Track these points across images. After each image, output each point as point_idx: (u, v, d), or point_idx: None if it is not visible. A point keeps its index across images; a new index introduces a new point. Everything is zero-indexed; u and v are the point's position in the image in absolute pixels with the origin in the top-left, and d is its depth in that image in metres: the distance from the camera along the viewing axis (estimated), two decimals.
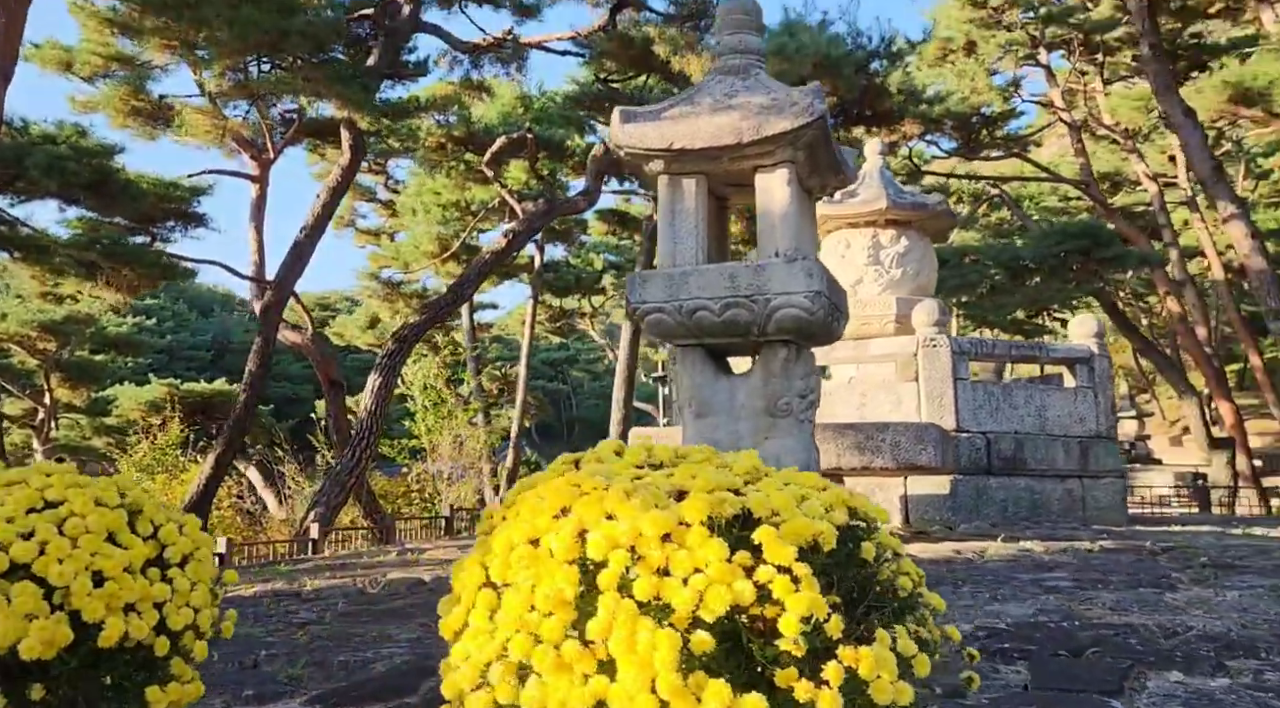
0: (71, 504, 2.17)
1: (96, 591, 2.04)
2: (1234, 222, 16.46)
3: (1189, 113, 16.82)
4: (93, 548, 2.10)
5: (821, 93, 5.03)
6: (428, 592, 5.46)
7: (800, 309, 4.93)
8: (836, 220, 10.52)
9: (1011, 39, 23.80)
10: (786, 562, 1.47)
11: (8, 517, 2.08)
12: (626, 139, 5.27)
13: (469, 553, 1.79)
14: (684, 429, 5.41)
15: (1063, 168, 30.46)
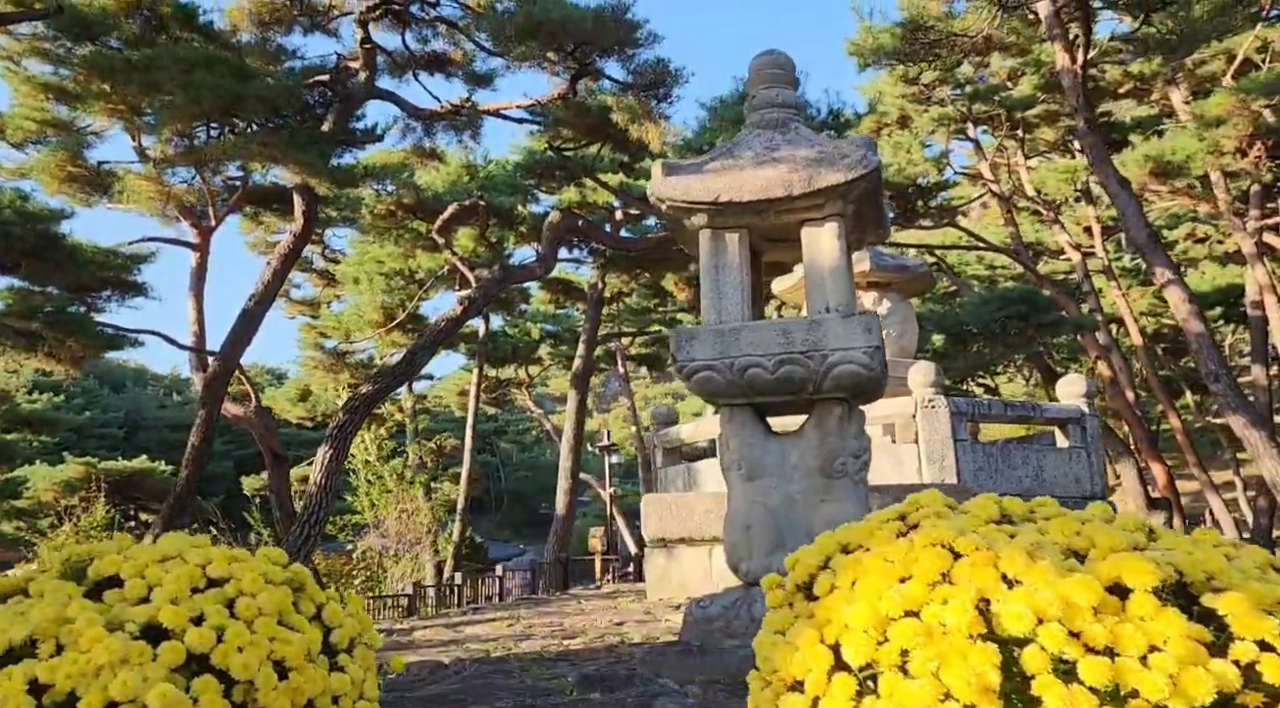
0: (239, 581, 1.85)
1: (281, 684, 1.72)
2: (1172, 287, 17.02)
3: (1124, 182, 17.47)
4: (269, 633, 1.78)
5: (873, 144, 4.97)
6: (457, 677, 5.06)
7: (859, 365, 4.79)
8: None
9: (943, 114, 24.65)
10: (1267, 636, 1.25)
11: (171, 597, 1.75)
12: (669, 192, 5.12)
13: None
14: (731, 493, 5.17)
15: (987, 236, 31.49)
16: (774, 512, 4.96)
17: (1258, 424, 17.42)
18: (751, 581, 4.93)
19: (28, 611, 1.75)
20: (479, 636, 6.94)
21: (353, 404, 15.84)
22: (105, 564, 1.89)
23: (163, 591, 1.78)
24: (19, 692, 1.60)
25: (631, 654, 5.38)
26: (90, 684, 1.57)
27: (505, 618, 8.31)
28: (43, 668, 1.63)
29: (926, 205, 24.77)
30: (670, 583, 10.34)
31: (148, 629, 1.70)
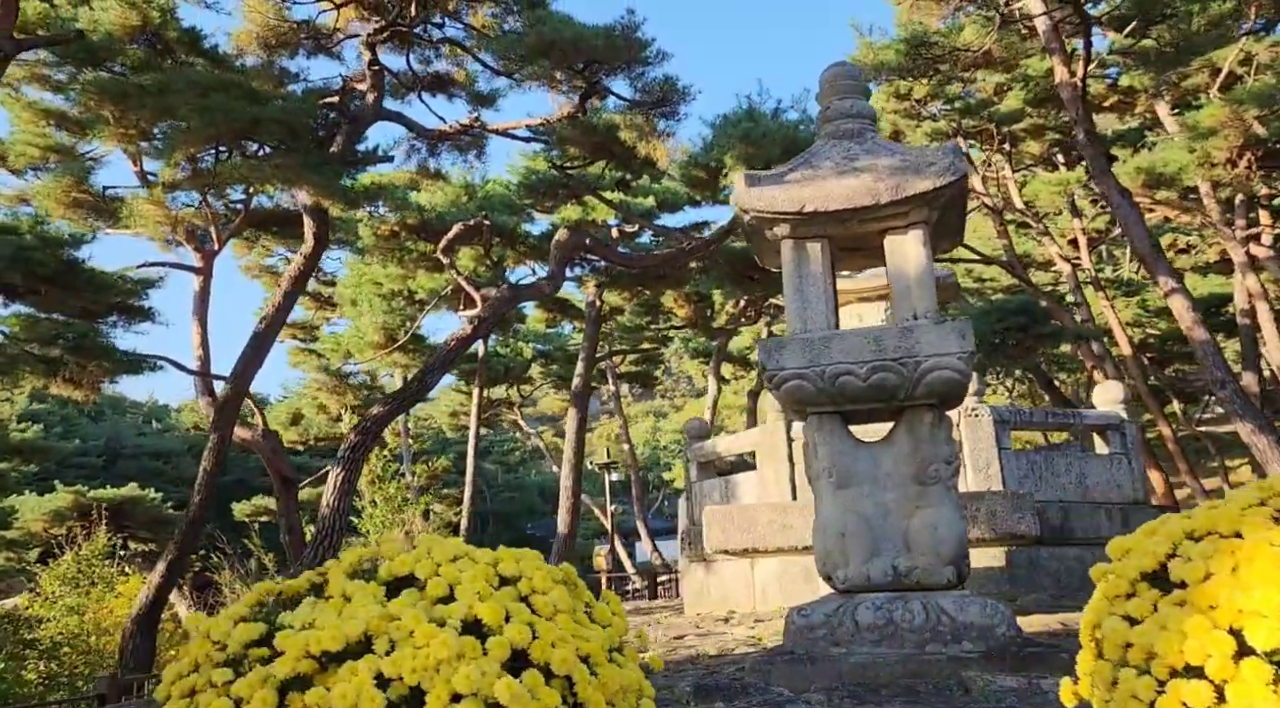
0: (530, 580, 1.85)
1: (592, 679, 1.72)
2: (1175, 295, 17.24)
3: (1125, 193, 17.71)
4: (571, 630, 1.77)
5: (959, 151, 5.02)
6: None
7: (954, 371, 4.83)
8: (848, 295, 10.57)
9: (935, 128, 24.92)
10: None
11: (478, 593, 1.75)
12: (754, 202, 5.15)
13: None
14: (820, 500, 5.18)
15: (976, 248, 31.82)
16: (868, 519, 4.97)
17: (1265, 430, 17.63)
18: (848, 588, 4.94)
19: (352, 609, 1.75)
20: None
21: (364, 425, 15.73)
22: (398, 565, 1.90)
23: (465, 589, 1.78)
24: (367, 684, 1.60)
25: (719, 666, 5.36)
26: (434, 678, 1.57)
27: None
28: (387, 663, 1.63)
29: None
30: (709, 598, 10.33)
31: (465, 626, 1.70)
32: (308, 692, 1.63)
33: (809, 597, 9.40)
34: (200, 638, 1.89)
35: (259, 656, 1.78)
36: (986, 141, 27.25)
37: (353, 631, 1.71)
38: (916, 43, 17.21)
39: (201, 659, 1.86)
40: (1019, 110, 26.08)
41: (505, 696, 1.56)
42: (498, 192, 21.18)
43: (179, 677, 1.88)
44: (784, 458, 9.67)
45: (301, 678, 1.69)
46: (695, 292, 23.65)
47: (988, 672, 4.25)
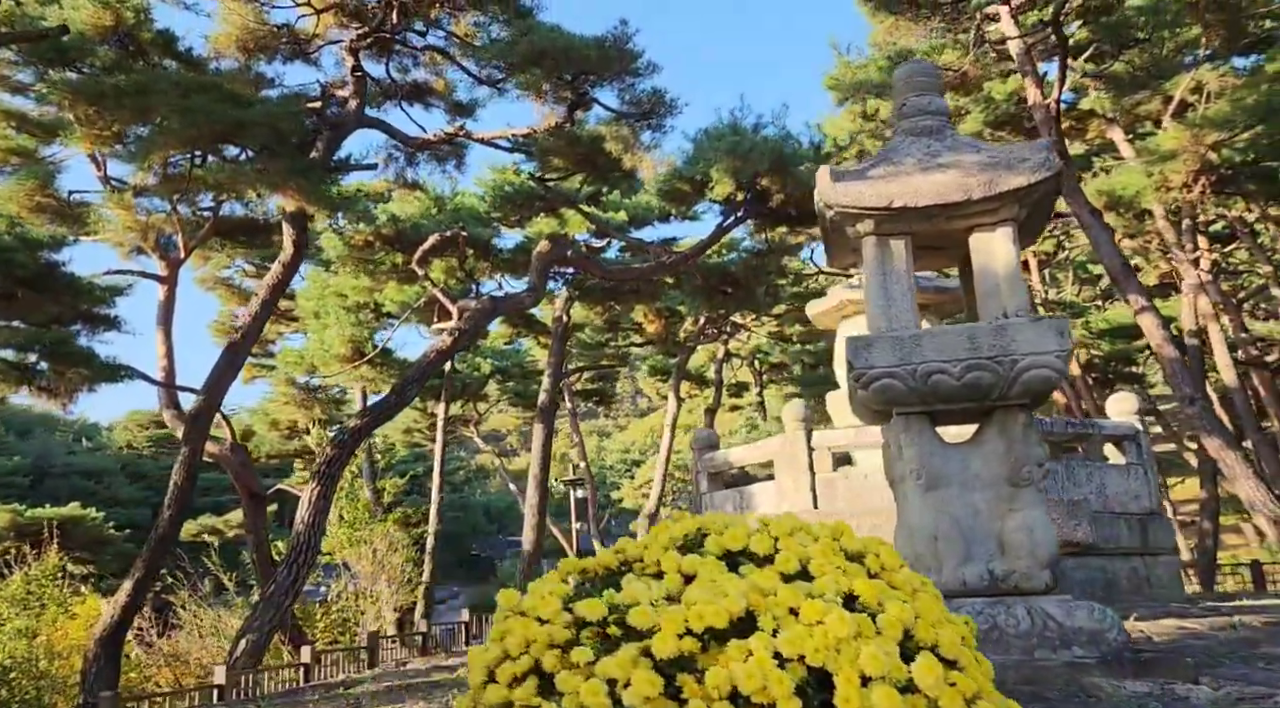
0: (879, 556, 1.71)
1: (976, 663, 1.55)
2: (1145, 314, 17.64)
3: (1095, 213, 18.10)
4: (939, 610, 1.61)
5: (1052, 147, 4.98)
6: None
7: (1052, 369, 4.76)
8: (856, 305, 10.55)
9: None
10: None
11: (839, 568, 1.57)
12: (838, 197, 5.05)
13: None
14: (906, 503, 5.06)
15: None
16: (959, 522, 4.87)
17: (1232, 445, 18.06)
18: (943, 593, 4.81)
19: (719, 585, 1.57)
20: None
21: (340, 439, 15.28)
22: (729, 539, 1.72)
23: (819, 563, 1.61)
24: (769, 664, 1.41)
25: None
26: (836, 659, 1.40)
27: None
28: (783, 642, 1.45)
29: None
30: None
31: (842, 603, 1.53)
32: (707, 672, 1.44)
33: None
34: (520, 618, 1.68)
35: (595, 634, 1.58)
36: None
37: (735, 607, 1.53)
38: (899, 61, 17.40)
39: (536, 639, 1.65)
40: (978, 133, 26.57)
41: (928, 681, 1.40)
42: (469, 204, 20.89)
43: (498, 661, 1.67)
44: (804, 468, 9.57)
45: (684, 658, 1.50)
46: (666, 307, 23.56)
47: (1110, 677, 4.15)
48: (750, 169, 15.08)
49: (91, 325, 14.91)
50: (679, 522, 1.96)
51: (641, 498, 64.61)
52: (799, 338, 29.62)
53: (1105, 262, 18.28)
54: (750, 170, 15.08)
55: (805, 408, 9.95)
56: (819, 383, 27.37)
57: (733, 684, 1.44)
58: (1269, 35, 22.99)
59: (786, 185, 15.97)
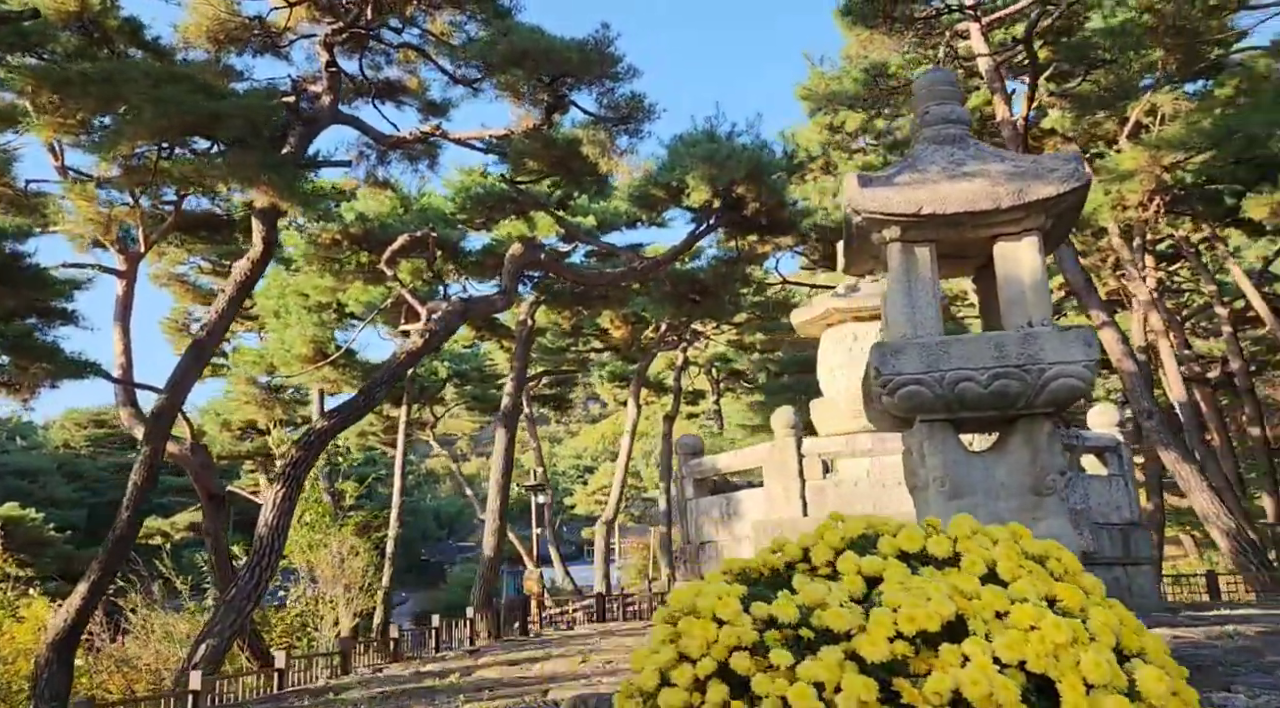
0: (1060, 560, 1.66)
1: (1179, 670, 1.52)
2: (1106, 328, 18.02)
3: None
4: (1125, 615, 1.57)
5: (1082, 159, 5.02)
6: None
7: (1079, 379, 4.79)
8: (842, 314, 10.59)
9: (865, 162, 25.56)
10: None
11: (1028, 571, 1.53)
12: (866, 203, 5.04)
13: None
14: (928, 510, 5.05)
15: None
16: None
17: (1188, 458, 18.49)
18: None
19: (922, 587, 1.51)
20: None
21: (307, 440, 14.98)
22: (904, 540, 1.66)
23: (1005, 566, 1.56)
24: (991, 669, 1.36)
25: None
26: (1057, 666, 1.35)
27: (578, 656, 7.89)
28: (1003, 646, 1.40)
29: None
30: None
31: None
32: (929, 677, 1.39)
33: None
34: (693, 619, 1.61)
35: (782, 636, 1.52)
36: None
37: (945, 610, 1.47)
38: (876, 73, 17.58)
39: (718, 640, 1.58)
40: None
41: (1158, 689, 1.35)
42: (435, 204, 20.67)
43: (672, 664, 1.59)
44: (794, 474, 9.57)
45: (895, 662, 1.45)
46: (633, 313, 23.50)
47: None
48: (727, 177, 15.10)
49: (47, 320, 14.45)
50: (848, 523, 1.91)
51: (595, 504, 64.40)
52: (761, 346, 29.75)
53: (1069, 277, 18.64)
54: (727, 178, 15.10)
55: (794, 415, 9.96)
56: (782, 391, 27.51)
57: (954, 690, 1.39)
58: (1219, 62, 23.65)
59: (762, 194, 16.03)
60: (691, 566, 10.81)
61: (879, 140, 25.91)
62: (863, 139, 24.89)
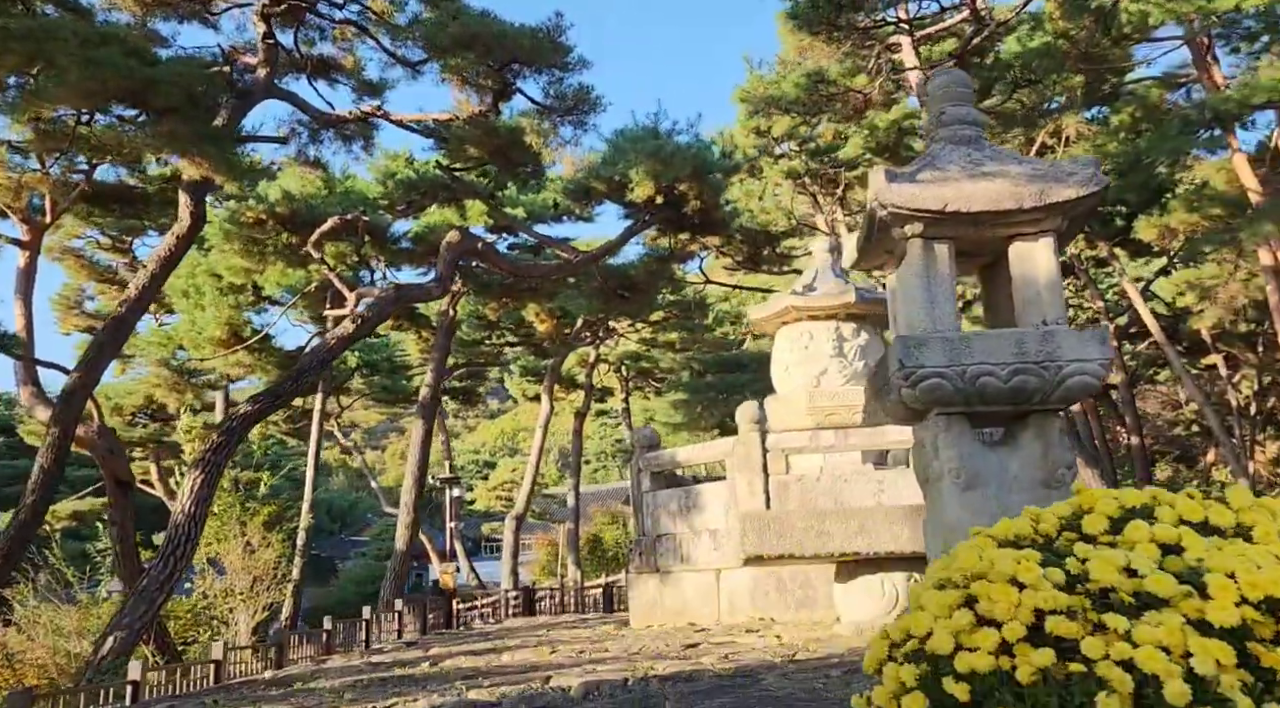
0: None
1: None
2: None
3: None
4: None
5: (1100, 163, 5.18)
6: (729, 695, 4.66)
7: (1093, 377, 4.94)
8: (799, 312, 10.73)
9: (789, 167, 25.96)
10: None
11: None
12: (894, 197, 5.10)
13: None
14: (941, 501, 5.15)
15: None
16: (995, 522, 4.99)
17: (1092, 463, 19.40)
18: None
19: (1249, 554, 1.50)
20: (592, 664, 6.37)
21: (229, 425, 14.44)
22: (1185, 510, 1.66)
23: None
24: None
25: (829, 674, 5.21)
26: None
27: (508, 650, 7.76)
28: None
29: (773, 251, 25.94)
30: (662, 609, 10.12)
31: None
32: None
33: (781, 608, 9.38)
34: (986, 584, 1.57)
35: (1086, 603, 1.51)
36: (827, 185, 28.64)
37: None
38: (816, 79, 17.87)
39: (1025, 604, 1.55)
40: (858, 157, 27.50)
41: None
42: (360, 188, 20.14)
43: (970, 628, 1.55)
44: (759, 469, 9.64)
45: (1242, 627, 1.45)
46: (559, 307, 23.35)
47: None
48: (672, 174, 15.15)
49: None
50: (1124, 494, 1.91)
51: (495, 500, 63.54)
52: (681, 345, 29.93)
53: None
54: (672, 175, 15.15)
55: (760, 410, 10.04)
56: (705, 390, 27.69)
57: None
58: (1116, 90, 24.79)
59: (703, 193, 16.14)
60: (647, 558, 10.78)
61: (801, 147, 26.34)
62: (786, 145, 25.29)
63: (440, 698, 5.05)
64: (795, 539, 6.72)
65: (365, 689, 5.91)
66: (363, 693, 5.74)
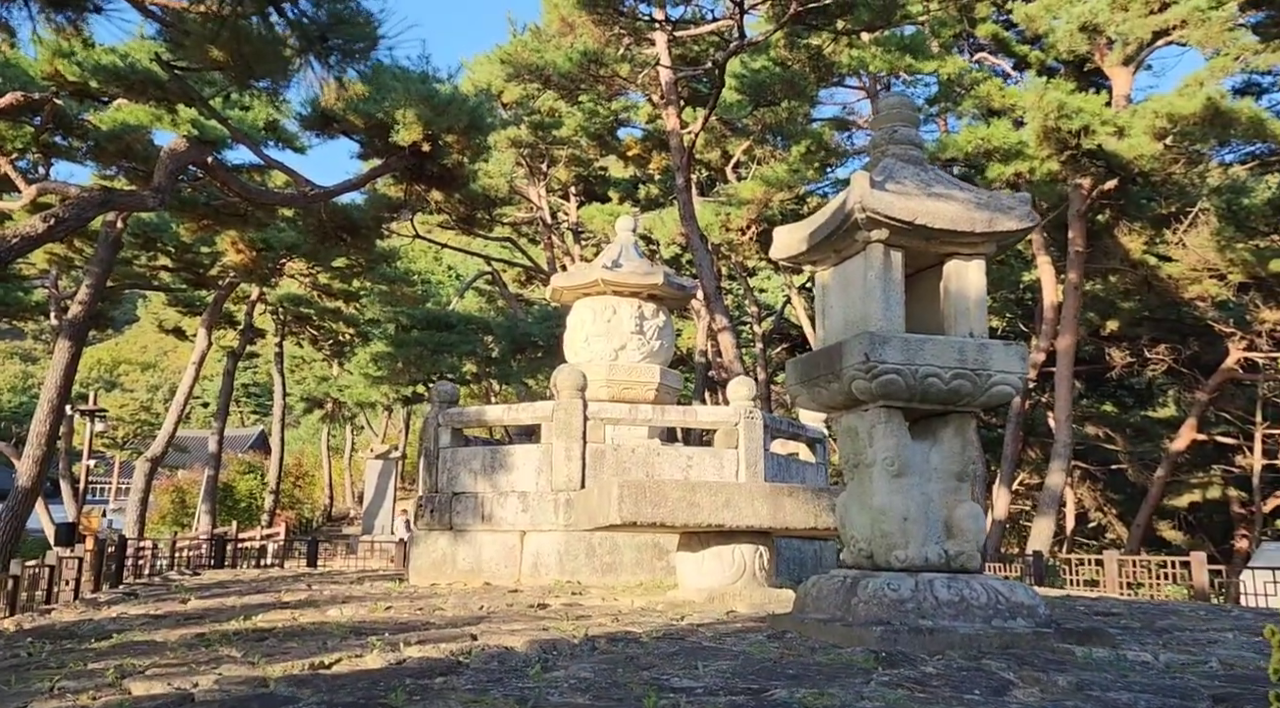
0: None
1: None
2: (725, 333, 20.25)
3: (703, 238, 20.33)
4: None
5: (1030, 202, 5.90)
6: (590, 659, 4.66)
7: (1013, 387, 5.66)
8: (604, 285, 10.88)
9: (516, 135, 25.93)
10: None
11: None
12: (875, 204, 5.48)
13: None
14: (871, 486, 5.63)
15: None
16: (915, 507, 5.58)
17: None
18: (906, 566, 5.47)
19: None
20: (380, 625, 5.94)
21: None
22: None
23: None
24: None
25: (722, 639, 5.47)
26: None
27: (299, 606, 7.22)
28: None
29: (488, 215, 25.70)
30: (454, 568, 9.85)
31: None
32: None
33: (589, 572, 9.55)
34: None
35: None
36: (538, 159, 28.99)
37: None
38: (592, 58, 17.98)
39: None
40: (571, 136, 28.19)
41: None
42: (21, 63, 17.14)
43: None
44: (579, 436, 9.61)
45: None
46: (263, 239, 21.45)
47: (1067, 643, 5.11)
48: (445, 123, 14.59)
49: None
50: None
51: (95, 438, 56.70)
52: (389, 299, 28.73)
53: (703, 282, 20.65)
54: (445, 123, 14.59)
55: (581, 376, 10.01)
56: (411, 345, 26.74)
57: None
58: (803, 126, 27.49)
59: (466, 148, 15.68)
60: (440, 515, 10.31)
61: (528, 117, 26.40)
62: (516, 110, 25.20)
63: (387, 654, 4.64)
64: (669, 508, 6.93)
65: (224, 644, 5.23)
66: (246, 646, 5.06)
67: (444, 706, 3.47)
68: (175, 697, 3.69)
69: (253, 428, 59.98)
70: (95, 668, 4.56)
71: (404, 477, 38.19)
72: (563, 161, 30.11)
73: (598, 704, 3.49)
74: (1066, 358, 20.97)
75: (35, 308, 32.43)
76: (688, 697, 3.67)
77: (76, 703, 3.63)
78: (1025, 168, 20.00)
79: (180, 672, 4.31)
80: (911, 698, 3.72)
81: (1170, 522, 30.06)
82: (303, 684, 3.92)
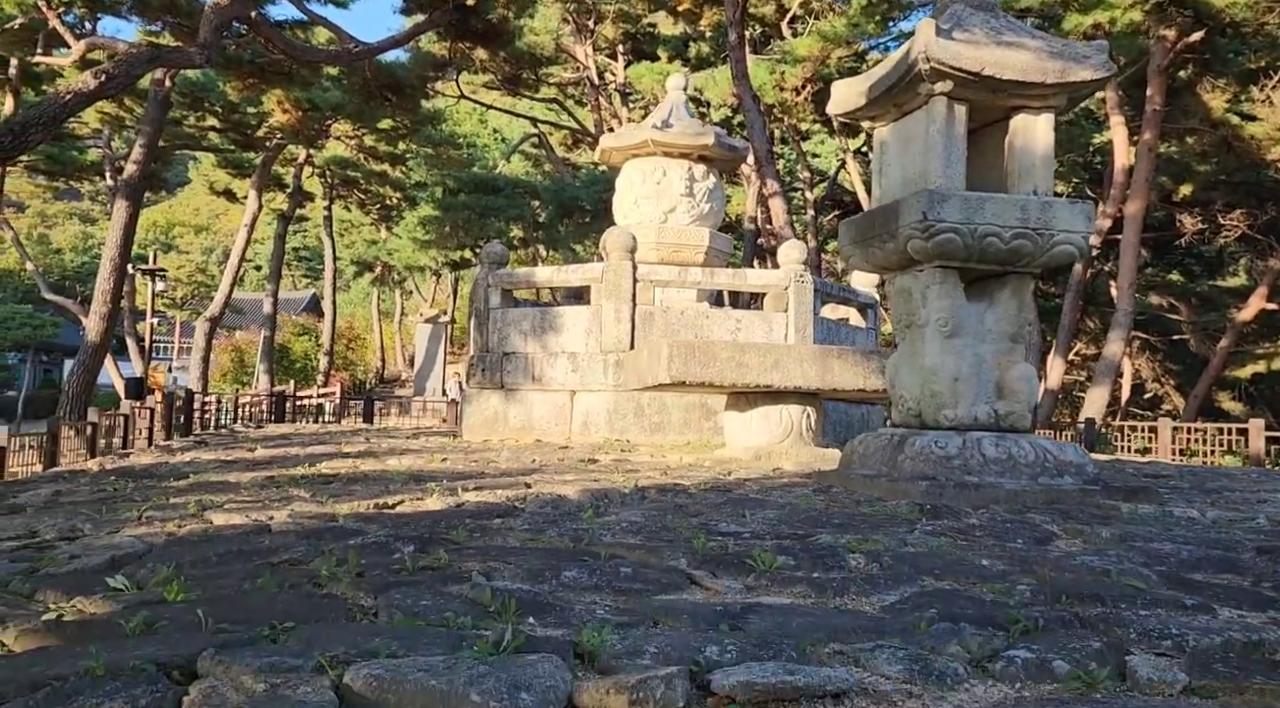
0: None
1: None
2: (776, 197, 19.91)
3: (755, 98, 19.77)
4: None
5: (1106, 49, 5.63)
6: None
7: (1076, 248, 5.53)
8: (654, 146, 10.70)
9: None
10: None
11: None
12: (940, 53, 5.26)
13: None
14: (923, 346, 5.61)
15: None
16: (967, 366, 5.56)
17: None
18: (954, 425, 5.50)
19: None
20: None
21: None
22: None
23: None
24: None
25: (791, 486, 5.59)
26: None
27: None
28: None
29: (534, 74, 25.16)
30: (505, 425, 10.11)
31: None
32: None
33: (638, 431, 9.72)
34: None
35: None
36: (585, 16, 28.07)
37: None
38: None
39: None
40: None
41: None
42: None
43: None
44: (628, 298, 9.67)
45: None
46: (308, 98, 21.27)
47: (1113, 499, 5.16)
48: None
49: None
50: None
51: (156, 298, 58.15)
52: (435, 163, 28.52)
53: (755, 145, 20.19)
54: None
55: (630, 237, 9.97)
56: (460, 209, 26.68)
57: None
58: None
59: (513, 1, 15.26)
60: (491, 374, 10.54)
61: None
62: None
63: (447, 498, 4.84)
64: (718, 368, 6.99)
65: (296, 487, 5.48)
66: (311, 487, 5.32)
67: (503, 541, 3.62)
68: (253, 527, 3.90)
69: (305, 291, 60.95)
70: (177, 502, 4.82)
71: (453, 341, 38.80)
72: (610, 17, 29.12)
73: (649, 544, 3.62)
74: (1134, 223, 20.37)
75: (90, 167, 32.72)
76: (735, 540, 3.78)
77: (164, 530, 3.85)
78: (1105, 18, 18.91)
79: (255, 507, 4.55)
80: (954, 545, 3.80)
81: (1230, 393, 29.67)
82: (369, 521, 4.11)
